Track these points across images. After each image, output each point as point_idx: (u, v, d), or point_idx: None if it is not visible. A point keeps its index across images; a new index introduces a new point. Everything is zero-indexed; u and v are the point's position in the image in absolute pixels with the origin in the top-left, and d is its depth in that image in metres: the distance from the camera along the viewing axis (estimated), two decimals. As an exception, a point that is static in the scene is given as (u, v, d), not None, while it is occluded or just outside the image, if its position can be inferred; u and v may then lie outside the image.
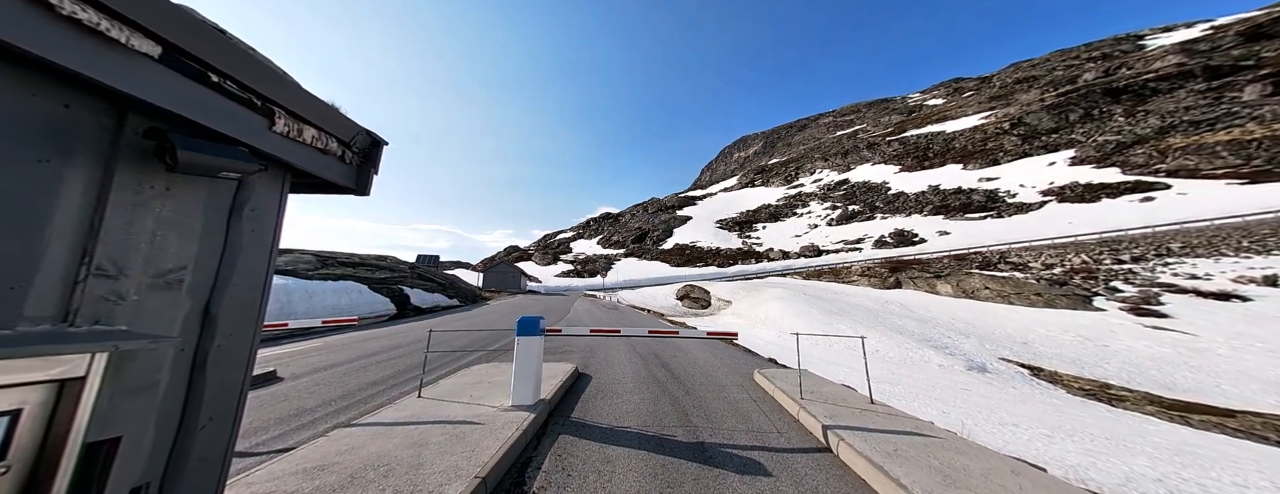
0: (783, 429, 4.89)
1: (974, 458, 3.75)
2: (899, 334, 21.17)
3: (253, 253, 1.44)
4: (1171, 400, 14.07)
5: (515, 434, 4.08)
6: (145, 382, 1.16)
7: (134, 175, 1.13)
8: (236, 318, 1.38)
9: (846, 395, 5.85)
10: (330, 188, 1.78)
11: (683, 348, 10.98)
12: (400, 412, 4.80)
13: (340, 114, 1.64)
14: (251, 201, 1.43)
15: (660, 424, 4.96)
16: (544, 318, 5.52)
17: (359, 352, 9.91)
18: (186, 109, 1.14)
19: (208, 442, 1.31)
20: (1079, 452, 7.51)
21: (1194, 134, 44.90)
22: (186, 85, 1.14)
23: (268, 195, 1.50)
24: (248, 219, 1.42)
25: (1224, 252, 28.39)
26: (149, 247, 1.17)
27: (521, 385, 4.99)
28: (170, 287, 1.22)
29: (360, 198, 1.84)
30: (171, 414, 1.22)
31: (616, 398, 6.07)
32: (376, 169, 1.84)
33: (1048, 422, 9.53)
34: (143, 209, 1.15)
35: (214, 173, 1.21)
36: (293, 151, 1.49)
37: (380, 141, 1.85)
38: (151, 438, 1.17)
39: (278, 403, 5.65)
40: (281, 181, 1.56)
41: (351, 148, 1.73)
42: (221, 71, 1.21)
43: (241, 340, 1.41)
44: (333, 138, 1.63)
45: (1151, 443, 8.56)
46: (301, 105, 1.47)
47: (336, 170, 1.69)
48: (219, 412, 1.35)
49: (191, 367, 1.28)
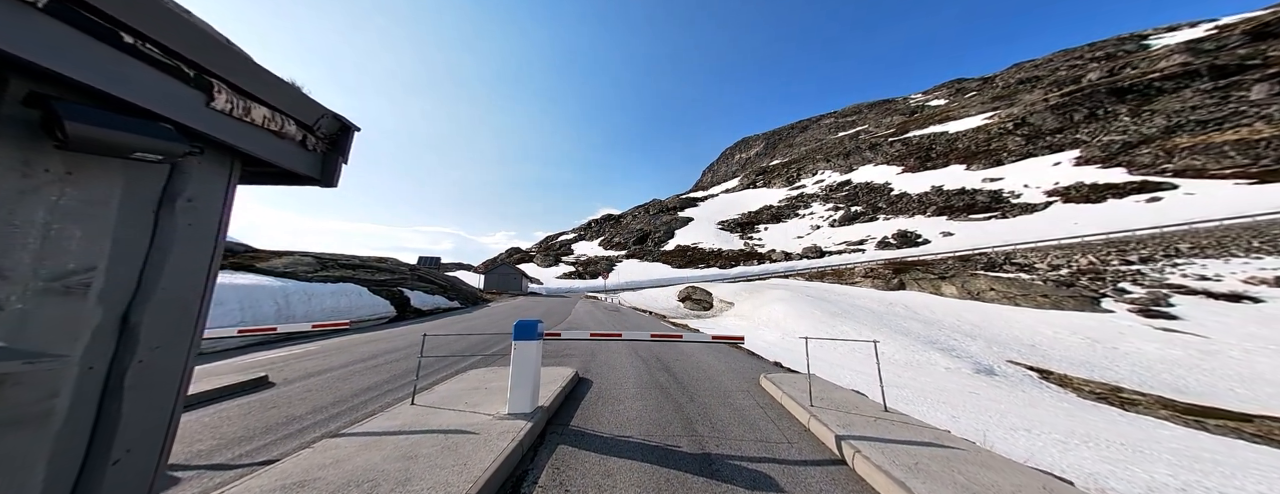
0: (793, 439, 4.65)
1: (1000, 472, 3.51)
2: (904, 336, 20.90)
3: (189, 251, 1.22)
4: (1185, 404, 13.79)
5: (510, 445, 3.85)
6: (31, 411, 0.93)
7: (17, 154, 0.91)
8: (165, 328, 1.16)
9: (858, 402, 5.60)
10: (291, 178, 1.56)
11: (686, 351, 10.74)
12: (391, 420, 4.58)
13: (300, 93, 1.42)
14: (187, 191, 1.21)
15: (664, 433, 4.73)
16: (542, 321, 5.30)
17: (356, 355, 9.70)
18: (87, 74, 0.92)
19: (122, 478, 1.08)
20: (1097, 459, 7.25)
21: (1201, 133, 44.50)
22: (89, 45, 0.92)
23: (210, 184, 1.28)
24: (183, 212, 1.20)
25: (1234, 252, 28.02)
26: (40, 243, 0.94)
27: (518, 392, 4.76)
28: (71, 292, 0.99)
29: (327, 188, 1.61)
30: (72, 450, 1.00)
31: (618, 404, 5.85)
32: (346, 157, 1.62)
33: (1061, 427, 9.28)
34: (31, 197, 0.93)
35: (125, 153, 0.99)
36: (240, 134, 1.27)
37: (350, 127, 1.63)
38: (42, 480, 0.95)
39: (267, 410, 5.43)
40: (228, 169, 1.34)
41: (315, 133, 1.51)
42: (137, 31, 0.99)
43: (172, 354, 1.18)
44: (290, 120, 1.40)
45: (1169, 449, 8.31)
46: (250, 80, 1.25)
47: (296, 158, 1.47)
48: (140, 442, 1.12)
49: (103, 389, 1.05)
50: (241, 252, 19.92)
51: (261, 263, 18.34)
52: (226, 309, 12.97)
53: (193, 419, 5.04)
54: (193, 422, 4.95)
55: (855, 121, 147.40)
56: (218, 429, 4.74)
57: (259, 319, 13.76)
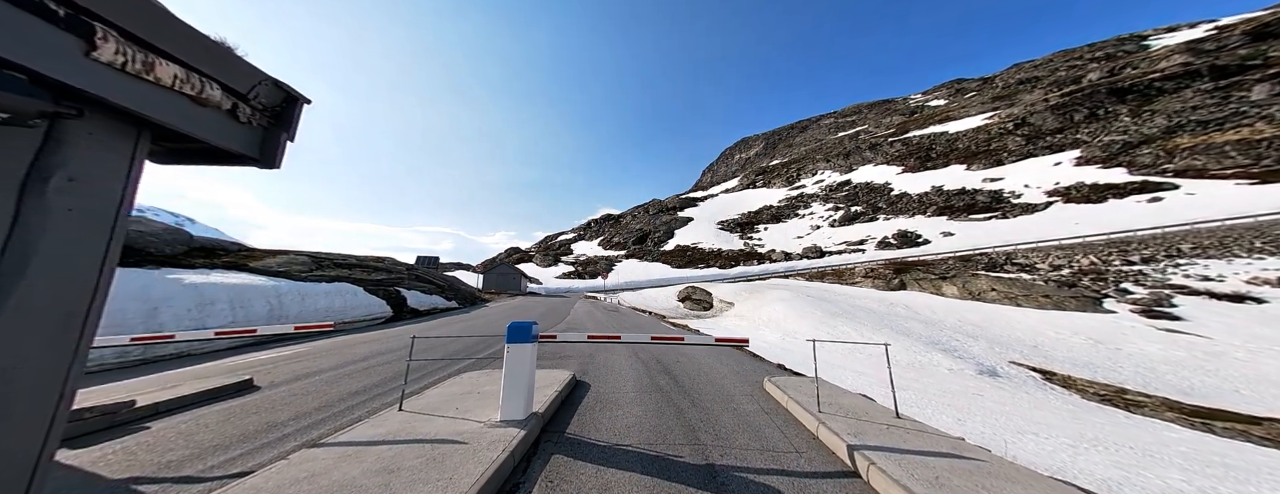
0: (801, 448, 4.39)
1: (1028, 487, 3.27)
2: (906, 337, 20.71)
3: (70, 242, 0.96)
4: (1191, 406, 13.60)
5: (501, 456, 3.60)
6: None
7: None
8: (30, 336, 0.90)
9: (867, 408, 5.35)
10: (222, 157, 1.30)
11: (687, 353, 10.49)
12: (376, 428, 4.32)
13: (230, 53, 1.16)
14: (68, 166, 0.95)
15: (665, 441, 4.48)
16: (538, 323, 5.04)
17: (348, 357, 9.43)
18: None
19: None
20: (1108, 464, 7.05)
21: (1202, 134, 44.36)
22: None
23: (102, 160, 1.02)
24: (60, 192, 0.94)
25: (1236, 252, 27.85)
26: None
27: (511, 398, 4.51)
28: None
29: (268, 170, 1.35)
30: None
31: (617, 409, 5.59)
32: (292, 135, 1.36)
33: (1069, 430, 9.09)
34: None
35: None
36: (142, 97, 1.00)
37: (297, 98, 1.36)
38: None
39: (247, 416, 5.17)
40: (131, 142, 1.07)
41: (250, 102, 1.25)
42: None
43: (41, 368, 0.92)
44: (214, 84, 1.14)
45: (1179, 453, 8.12)
46: (151, 26, 0.99)
47: (225, 131, 1.21)
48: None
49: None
50: (235, 250, 19.63)
51: (254, 262, 18.05)
52: (217, 309, 12.69)
53: (168, 426, 4.78)
54: (168, 429, 4.69)
55: (855, 122, 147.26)
56: (192, 437, 4.47)
57: (251, 319, 13.47)
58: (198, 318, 11.79)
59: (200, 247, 18.16)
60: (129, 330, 9.79)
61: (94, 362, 8.66)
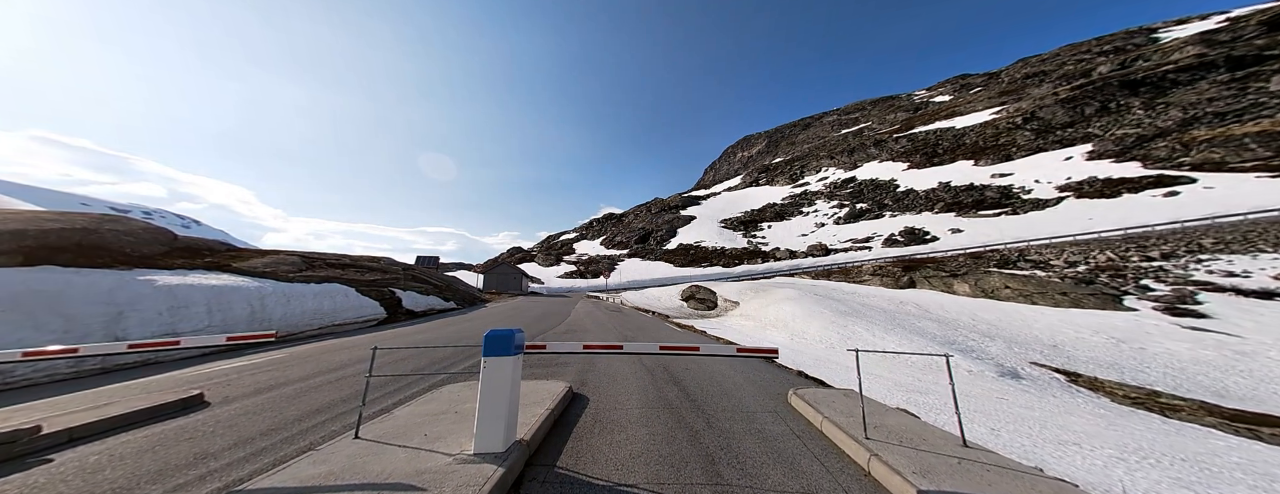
0: (850, 487, 3.52)
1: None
2: (920, 337, 19.81)
3: None
4: (1231, 410, 12.71)
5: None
6: None
7: None
8: None
9: (920, 431, 4.45)
10: None
11: (695, 357, 9.60)
12: (318, 465, 3.45)
13: None
14: None
15: (678, 478, 3.60)
16: (533, 325, 4.17)
17: (322, 365, 8.59)
18: None
19: None
20: (1170, 481, 6.18)
21: (1219, 126, 43.15)
22: None
23: None
24: None
25: (1262, 247, 26.81)
26: None
27: (487, 425, 3.64)
28: None
29: None
30: None
31: (619, 432, 4.72)
32: None
33: (1109, 439, 8.25)
34: None
35: None
36: None
37: None
38: None
39: (178, 444, 4.31)
40: None
41: None
42: None
43: None
44: None
45: (1235, 464, 7.29)
46: None
47: None
48: None
49: None
50: (221, 250, 18.81)
51: (239, 262, 17.23)
52: (192, 313, 11.87)
53: (74, 458, 3.91)
54: (72, 462, 3.83)
55: (858, 118, 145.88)
56: (96, 474, 3.61)
57: (230, 323, 12.65)
58: (169, 322, 10.97)
59: (183, 246, 17.33)
60: (86, 338, 8.96)
61: (44, 372, 7.84)
